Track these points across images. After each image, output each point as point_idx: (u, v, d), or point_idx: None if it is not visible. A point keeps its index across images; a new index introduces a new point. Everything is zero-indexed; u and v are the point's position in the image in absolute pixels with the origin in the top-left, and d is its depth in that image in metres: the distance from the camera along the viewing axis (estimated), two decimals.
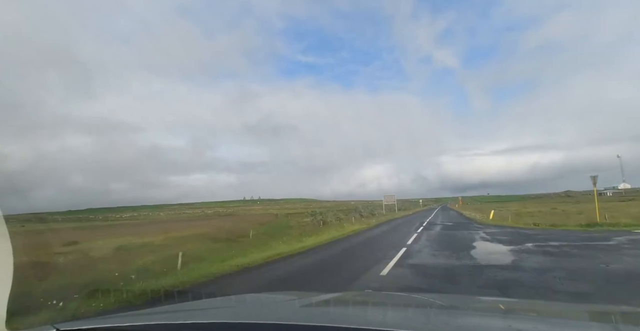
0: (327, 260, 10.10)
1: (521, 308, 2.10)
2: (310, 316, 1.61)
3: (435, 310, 1.83)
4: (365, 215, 39.53)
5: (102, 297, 5.68)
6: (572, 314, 1.87)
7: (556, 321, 1.61)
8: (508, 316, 1.65)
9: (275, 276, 7.80)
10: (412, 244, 13.43)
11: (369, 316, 1.70)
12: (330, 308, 1.93)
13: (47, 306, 5.19)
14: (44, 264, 8.88)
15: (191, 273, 8.03)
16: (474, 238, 14.86)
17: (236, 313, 1.72)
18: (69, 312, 5.07)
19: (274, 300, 2.35)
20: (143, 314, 1.82)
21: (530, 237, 14.82)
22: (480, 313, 1.82)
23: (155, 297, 5.73)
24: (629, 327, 1.42)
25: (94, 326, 1.38)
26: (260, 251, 11.85)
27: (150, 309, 2.08)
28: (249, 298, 2.47)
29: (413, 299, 2.34)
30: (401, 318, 1.60)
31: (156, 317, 1.60)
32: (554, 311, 2.03)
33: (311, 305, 1.97)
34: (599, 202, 22.37)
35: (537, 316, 1.76)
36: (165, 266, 8.85)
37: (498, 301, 2.77)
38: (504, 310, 1.93)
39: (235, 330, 1.29)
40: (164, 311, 1.87)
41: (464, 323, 1.48)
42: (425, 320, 1.52)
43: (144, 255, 12.01)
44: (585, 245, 11.72)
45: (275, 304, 2.13)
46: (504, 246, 12.18)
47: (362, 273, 7.73)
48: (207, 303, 2.35)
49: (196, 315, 1.69)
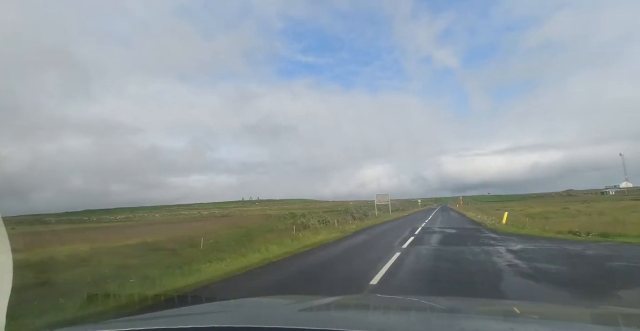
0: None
1: (523, 310, 2.04)
2: (310, 320, 1.60)
3: (436, 313, 1.83)
4: (358, 216, 34.81)
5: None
6: (574, 316, 1.87)
7: (558, 323, 1.63)
8: (510, 319, 1.65)
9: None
10: (383, 282, 6.88)
11: (369, 320, 1.69)
12: (331, 312, 1.93)
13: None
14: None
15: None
16: (499, 268, 8.10)
17: (236, 318, 1.71)
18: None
19: (273, 304, 2.33)
20: (141, 319, 1.81)
21: (616, 268, 7.97)
22: (482, 316, 1.82)
23: None
24: (632, 329, 1.42)
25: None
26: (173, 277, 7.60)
27: (149, 314, 2.09)
28: (248, 303, 2.43)
29: (414, 302, 2.35)
30: (402, 322, 1.63)
31: (154, 322, 1.62)
32: (556, 313, 2.00)
33: (311, 308, 1.95)
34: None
35: (539, 319, 1.76)
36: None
37: (500, 304, 2.71)
38: (505, 313, 1.93)
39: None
40: (162, 316, 1.90)
41: (465, 326, 1.48)
42: (427, 323, 1.57)
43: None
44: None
45: (274, 308, 2.13)
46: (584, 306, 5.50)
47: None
48: (206, 308, 2.35)
49: (195, 319, 1.70)
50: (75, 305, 5.55)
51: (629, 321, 1.57)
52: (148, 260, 10.70)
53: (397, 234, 18.05)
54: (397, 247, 12.40)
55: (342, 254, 11.50)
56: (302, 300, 2.39)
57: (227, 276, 8.19)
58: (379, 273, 7.76)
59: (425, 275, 7.62)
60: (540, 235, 15.82)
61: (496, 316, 1.80)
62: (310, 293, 6.40)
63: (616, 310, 2.24)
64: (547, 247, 11.82)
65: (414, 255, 10.58)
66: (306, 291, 6.57)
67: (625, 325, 1.44)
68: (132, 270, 8.44)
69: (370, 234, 19.07)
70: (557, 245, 12.08)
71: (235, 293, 6.47)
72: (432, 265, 8.71)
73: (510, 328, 1.29)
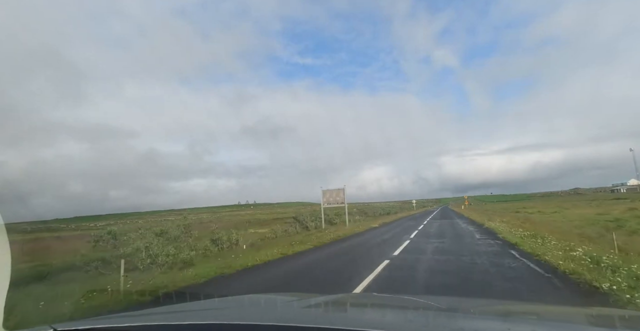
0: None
1: (521, 311, 2.08)
2: (309, 318, 1.62)
3: (434, 312, 1.82)
4: (314, 226, 22.92)
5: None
6: (571, 317, 1.86)
7: (555, 324, 1.61)
8: (507, 319, 1.64)
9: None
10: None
11: (368, 318, 1.70)
12: (330, 310, 1.90)
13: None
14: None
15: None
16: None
17: (235, 314, 1.72)
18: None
19: (272, 301, 2.32)
20: (141, 314, 1.83)
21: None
22: (480, 316, 1.79)
23: None
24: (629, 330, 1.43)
25: (91, 326, 1.41)
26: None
27: (149, 309, 2.09)
28: (247, 299, 2.42)
29: (413, 301, 2.33)
30: (400, 320, 1.63)
31: (154, 318, 1.62)
32: (554, 314, 1.96)
33: (311, 306, 1.95)
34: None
35: (536, 319, 1.74)
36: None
37: (498, 304, 2.65)
38: (503, 313, 1.92)
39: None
40: (162, 312, 1.89)
41: (463, 325, 1.48)
42: (425, 322, 1.56)
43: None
44: None
45: (274, 305, 2.13)
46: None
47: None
48: (206, 304, 2.35)
49: (194, 315, 1.71)
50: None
51: (626, 323, 1.60)
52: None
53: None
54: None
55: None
56: (302, 297, 2.36)
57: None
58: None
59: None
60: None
61: (494, 316, 1.79)
62: None
63: (613, 312, 2.31)
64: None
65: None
66: None
67: (622, 326, 1.49)
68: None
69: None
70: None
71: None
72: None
73: (508, 328, 1.28)
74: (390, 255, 10.21)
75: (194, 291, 5.85)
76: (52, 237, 38.66)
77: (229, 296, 2.72)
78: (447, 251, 10.76)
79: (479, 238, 14.07)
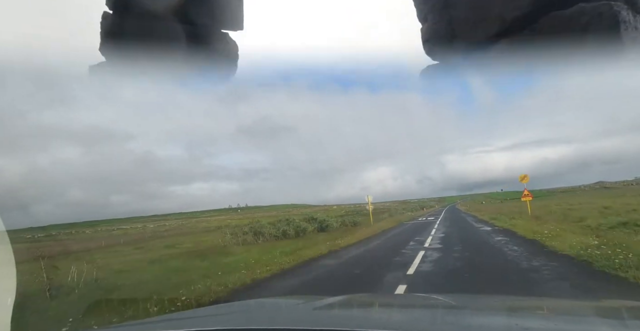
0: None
1: (528, 306, 2.06)
2: (317, 320, 1.62)
3: (441, 310, 1.84)
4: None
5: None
6: (579, 311, 1.83)
7: (563, 318, 1.62)
8: (514, 315, 1.65)
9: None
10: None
11: (377, 318, 1.71)
12: (337, 312, 1.93)
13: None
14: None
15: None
16: None
17: (242, 319, 1.72)
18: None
19: (279, 304, 2.35)
20: (151, 322, 1.83)
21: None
22: (486, 312, 1.81)
23: None
24: (637, 323, 1.40)
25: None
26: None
27: (159, 316, 2.12)
28: (255, 304, 2.44)
29: (419, 299, 2.39)
30: (408, 319, 1.66)
31: (164, 325, 1.63)
32: (561, 308, 1.98)
33: (317, 308, 1.92)
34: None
35: (543, 314, 1.76)
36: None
37: (504, 300, 2.59)
38: (510, 309, 1.87)
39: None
40: (173, 319, 1.90)
41: (470, 322, 1.50)
42: (433, 320, 1.58)
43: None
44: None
45: (280, 309, 2.14)
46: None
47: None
48: (215, 310, 2.36)
49: (206, 321, 1.69)
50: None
51: (633, 314, 1.58)
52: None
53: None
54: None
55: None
56: (310, 299, 2.31)
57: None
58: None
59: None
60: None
61: (500, 312, 1.78)
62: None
63: (620, 303, 2.15)
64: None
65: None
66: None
67: (630, 317, 1.45)
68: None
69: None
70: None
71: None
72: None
73: (516, 323, 1.27)
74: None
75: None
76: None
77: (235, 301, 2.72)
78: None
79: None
